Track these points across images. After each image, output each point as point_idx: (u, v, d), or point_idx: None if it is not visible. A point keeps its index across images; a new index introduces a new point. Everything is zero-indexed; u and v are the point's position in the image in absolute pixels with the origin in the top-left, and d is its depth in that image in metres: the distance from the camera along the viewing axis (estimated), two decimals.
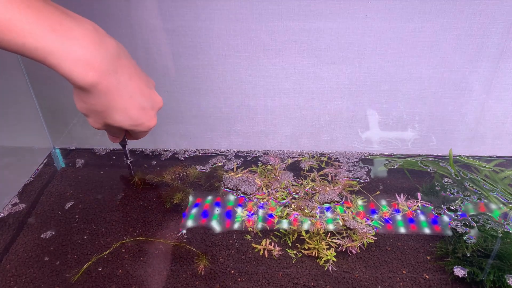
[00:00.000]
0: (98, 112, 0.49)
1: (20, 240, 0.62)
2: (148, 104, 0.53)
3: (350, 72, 0.69)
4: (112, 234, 0.62)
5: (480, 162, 0.75)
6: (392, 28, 0.63)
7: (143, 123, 0.53)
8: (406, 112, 0.72)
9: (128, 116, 0.50)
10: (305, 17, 0.64)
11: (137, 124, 0.52)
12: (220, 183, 0.72)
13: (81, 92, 0.46)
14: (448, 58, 0.66)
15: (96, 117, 0.50)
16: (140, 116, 0.52)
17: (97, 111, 0.49)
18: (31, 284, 0.55)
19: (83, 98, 0.47)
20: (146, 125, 0.53)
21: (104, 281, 0.55)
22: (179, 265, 0.57)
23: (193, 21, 0.65)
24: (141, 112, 0.52)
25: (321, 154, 0.79)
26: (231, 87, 0.72)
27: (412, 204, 0.66)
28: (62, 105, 0.77)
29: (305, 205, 0.66)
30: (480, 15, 0.61)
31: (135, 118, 0.51)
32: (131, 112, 0.50)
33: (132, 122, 0.51)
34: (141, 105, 0.51)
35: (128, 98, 0.49)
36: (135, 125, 0.52)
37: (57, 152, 0.83)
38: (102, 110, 0.48)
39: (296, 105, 0.74)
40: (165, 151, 0.81)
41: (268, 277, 0.55)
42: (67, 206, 0.68)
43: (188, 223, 0.64)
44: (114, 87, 0.47)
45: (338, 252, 0.58)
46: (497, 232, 0.60)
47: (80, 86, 0.44)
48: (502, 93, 0.69)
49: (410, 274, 0.55)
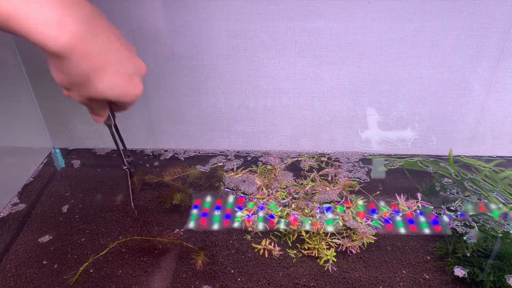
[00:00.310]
0: (79, 82, 0.44)
1: (20, 240, 0.62)
2: (133, 70, 0.48)
3: (350, 72, 0.69)
4: (112, 234, 0.62)
5: (480, 162, 0.75)
6: (392, 28, 0.63)
7: (129, 92, 0.48)
8: (406, 112, 0.72)
9: (114, 84, 0.46)
10: (305, 17, 0.64)
11: (124, 93, 0.48)
12: (220, 183, 0.72)
13: (58, 60, 0.41)
14: (448, 58, 0.66)
15: (79, 88, 0.45)
16: (125, 84, 0.47)
17: (79, 82, 0.44)
18: (31, 284, 0.55)
19: (61, 68, 0.42)
20: (133, 93, 0.49)
21: (104, 281, 0.55)
22: (179, 265, 0.57)
23: (193, 21, 0.65)
24: (126, 79, 0.47)
25: (321, 154, 0.79)
26: (231, 87, 0.72)
27: (412, 204, 0.66)
28: (62, 105, 0.77)
29: (305, 205, 0.66)
30: (480, 15, 0.61)
31: (121, 86, 0.47)
32: (116, 79, 0.46)
33: (118, 90, 0.47)
34: (125, 71, 0.47)
35: (111, 63, 0.45)
36: (121, 95, 0.48)
37: (57, 152, 0.83)
38: (84, 80, 0.44)
39: (296, 105, 0.74)
40: (165, 151, 0.81)
41: (268, 277, 0.55)
42: (67, 206, 0.68)
43: (188, 223, 0.64)
44: (94, 52, 0.43)
45: (338, 252, 0.58)
46: (497, 232, 0.60)
47: (54, 52, 0.40)
48: (502, 93, 0.69)
49: (410, 274, 0.55)
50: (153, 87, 0.73)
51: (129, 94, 0.48)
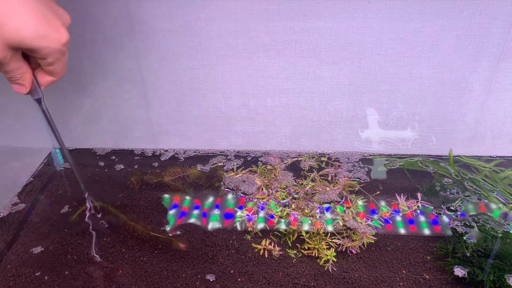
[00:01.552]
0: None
1: (20, 240, 0.62)
2: (50, 12, 0.44)
3: (350, 72, 0.69)
4: (112, 234, 0.62)
5: (480, 162, 0.75)
6: (392, 28, 0.63)
7: (49, 34, 0.43)
8: (406, 112, 0.72)
9: (26, 21, 0.41)
10: (305, 17, 0.64)
11: (43, 35, 0.43)
12: (220, 183, 0.72)
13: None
14: (448, 58, 0.66)
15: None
16: (42, 23, 0.42)
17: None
18: (31, 284, 0.55)
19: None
20: (55, 37, 0.44)
21: (104, 281, 0.55)
22: (179, 265, 0.57)
23: (193, 21, 0.65)
24: (42, 17, 0.43)
25: (321, 154, 0.79)
26: (231, 87, 0.72)
27: (412, 204, 0.66)
28: (62, 105, 0.77)
29: (305, 205, 0.66)
30: (480, 15, 0.61)
31: (37, 24, 0.42)
32: (28, 16, 0.42)
33: (34, 30, 0.42)
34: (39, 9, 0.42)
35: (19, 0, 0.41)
36: (40, 36, 0.43)
37: (57, 152, 0.83)
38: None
39: (296, 105, 0.74)
40: (165, 151, 0.81)
41: (268, 277, 0.55)
42: (67, 206, 0.68)
43: (188, 223, 0.64)
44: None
45: (338, 252, 0.58)
46: (497, 232, 0.60)
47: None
48: (502, 93, 0.69)
49: (410, 274, 0.55)
50: (153, 87, 0.73)
51: (50, 37, 0.44)
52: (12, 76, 0.46)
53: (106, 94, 0.75)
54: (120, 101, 0.76)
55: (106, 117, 0.78)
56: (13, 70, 0.45)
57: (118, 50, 0.69)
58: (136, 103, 0.76)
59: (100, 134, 0.81)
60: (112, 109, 0.77)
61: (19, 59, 0.45)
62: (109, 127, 0.79)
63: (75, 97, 0.76)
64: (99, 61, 0.70)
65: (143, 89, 0.74)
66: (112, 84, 0.73)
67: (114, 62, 0.71)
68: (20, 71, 0.46)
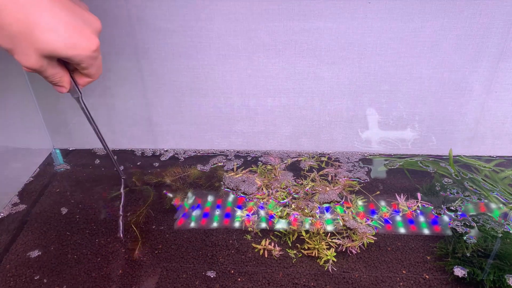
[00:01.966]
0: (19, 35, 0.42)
1: (20, 240, 0.62)
2: (80, 21, 0.46)
3: (350, 72, 0.69)
4: (112, 234, 0.62)
5: (480, 162, 0.75)
6: (392, 28, 0.63)
7: (80, 43, 0.46)
8: (406, 112, 0.72)
9: (58, 33, 0.44)
10: (305, 17, 0.64)
11: (73, 45, 0.45)
12: (220, 183, 0.72)
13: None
14: (448, 58, 0.66)
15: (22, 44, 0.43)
16: (73, 33, 0.45)
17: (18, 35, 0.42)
18: (31, 284, 0.55)
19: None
20: (85, 45, 0.46)
21: (104, 281, 0.55)
22: (179, 265, 0.57)
23: (193, 21, 0.65)
24: (73, 28, 0.45)
25: (321, 154, 0.79)
26: (231, 87, 0.72)
27: (412, 204, 0.66)
28: (62, 105, 0.77)
29: (305, 205, 0.66)
30: (480, 15, 0.61)
31: (67, 35, 0.44)
32: (60, 28, 0.44)
33: (65, 41, 0.44)
34: (69, 20, 0.45)
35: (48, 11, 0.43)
36: (71, 46, 0.45)
37: (57, 152, 0.83)
38: (22, 31, 0.42)
39: (296, 105, 0.74)
40: (165, 151, 0.81)
41: (268, 277, 0.55)
42: (67, 206, 0.68)
43: (188, 223, 0.64)
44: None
45: (338, 252, 0.58)
46: (497, 232, 0.60)
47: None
48: (502, 93, 0.69)
49: (410, 274, 0.55)
50: (153, 87, 0.73)
51: (81, 47, 0.46)
52: (52, 80, 0.50)
53: (106, 94, 0.75)
54: (120, 101, 0.76)
55: (106, 117, 0.78)
56: (51, 76, 0.49)
57: (118, 50, 0.69)
58: (136, 103, 0.76)
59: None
60: (112, 109, 0.77)
61: (55, 66, 0.48)
62: (109, 127, 0.79)
63: None
64: None
65: (143, 89, 0.74)
66: (112, 84, 0.73)
67: (114, 62, 0.71)
68: (58, 75, 0.50)
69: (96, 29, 0.49)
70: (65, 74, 0.51)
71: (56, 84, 0.51)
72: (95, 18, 0.49)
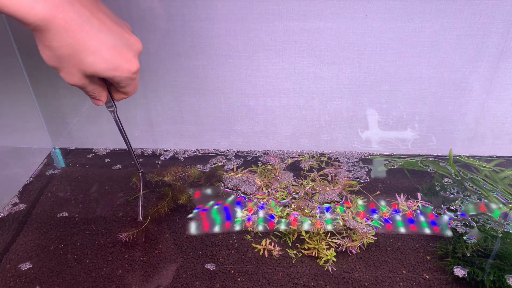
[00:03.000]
0: (66, 57, 0.45)
1: (20, 240, 0.62)
2: (122, 44, 0.49)
3: (350, 72, 0.69)
4: (112, 234, 0.62)
5: (480, 162, 0.75)
6: (392, 28, 0.63)
7: (121, 65, 0.48)
8: (406, 112, 0.72)
9: (101, 56, 0.46)
10: (305, 17, 0.64)
11: (115, 67, 0.48)
12: (220, 183, 0.72)
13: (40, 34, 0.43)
14: (448, 58, 0.66)
15: (68, 65, 0.46)
16: (115, 56, 0.47)
17: (66, 56, 0.45)
18: (31, 284, 0.55)
19: (46, 42, 0.44)
20: (125, 68, 0.49)
21: (104, 281, 0.55)
22: (179, 264, 0.57)
23: (193, 21, 0.65)
24: (115, 51, 0.47)
25: (321, 154, 0.79)
26: (231, 87, 0.72)
27: (412, 204, 0.66)
28: (62, 105, 0.77)
29: (305, 205, 0.66)
30: (480, 15, 0.61)
31: (110, 58, 0.47)
32: (103, 51, 0.46)
33: (107, 64, 0.47)
34: (113, 44, 0.47)
35: (95, 35, 0.45)
36: (112, 68, 0.48)
37: (57, 152, 0.83)
38: (70, 53, 0.45)
39: (296, 105, 0.74)
40: (165, 151, 0.81)
41: (268, 277, 0.55)
42: (67, 206, 0.68)
43: (188, 223, 0.64)
44: (75, 22, 0.43)
45: (338, 252, 0.58)
46: (497, 232, 0.60)
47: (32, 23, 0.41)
48: (502, 93, 0.69)
49: (410, 274, 0.55)
50: (153, 87, 0.73)
51: (122, 69, 0.49)
52: (91, 95, 0.53)
53: None
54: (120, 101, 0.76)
55: (106, 117, 0.78)
56: (92, 91, 0.52)
57: None
58: (136, 103, 0.76)
59: (100, 134, 0.81)
60: None
61: (96, 82, 0.51)
62: (109, 127, 0.79)
63: (75, 97, 0.76)
64: None
65: (143, 89, 0.74)
66: None
67: None
68: (97, 91, 0.53)
69: (137, 51, 0.51)
70: (103, 89, 0.54)
71: (95, 98, 0.54)
72: (137, 39, 0.51)
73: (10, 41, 0.69)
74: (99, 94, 0.54)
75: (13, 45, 0.70)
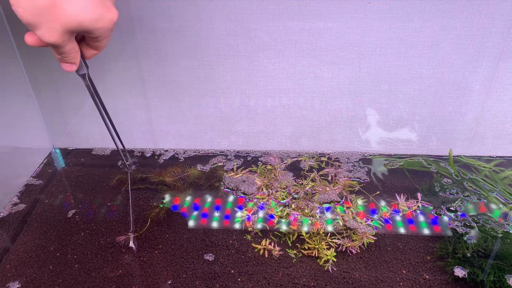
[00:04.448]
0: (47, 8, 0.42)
1: (20, 240, 0.62)
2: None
3: (350, 72, 0.69)
4: (112, 234, 0.62)
5: (480, 162, 0.75)
6: (392, 28, 0.63)
7: (103, 15, 0.45)
8: (406, 112, 0.72)
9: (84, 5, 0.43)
10: (305, 17, 0.64)
11: (98, 17, 0.44)
12: (220, 183, 0.72)
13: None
14: (448, 58, 0.66)
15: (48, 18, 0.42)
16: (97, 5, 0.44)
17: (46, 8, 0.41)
18: (31, 284, 0.55)
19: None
20: (108, 17, 0.45)
21: (104, 281, 0.55)
22: (178, 264, 0.57)
23: (193, 21, 0.65)
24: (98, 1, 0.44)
25: (321, 154, 0.79)
26: (231, 87, 0.72)
27: (412, 204, 0.66)
28: (62, 105, 0.77)
29: (305, 205, 0.66)
30: (480, 15, 0.61)
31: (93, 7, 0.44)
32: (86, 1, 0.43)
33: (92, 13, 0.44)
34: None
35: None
36: (96, 18, 0.44)
37: (57, 152, 0.83)
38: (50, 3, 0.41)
39: (296, 105, 0.74)
40: (165, 151, 0.81)
41: (268, 277, 0.55)
42: (67, 206, 0.68)
43: (188, 223, 0.64)
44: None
45: (338, 252, 0.58)
46: (497, 232, 0.60)
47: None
48: (502, 93, 0.69)
49: (410, 274, 0.55)
50: (153, 87, 0.73)
51: (105, 18, 0.45)
52: (67, 56, 0.48)
53: (106, 94, 0.75)
54: (120, 101, 0.76)
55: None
56: (68, 52, 0.47)
57: (118, 50, 0.69)
58: (136, 103, 0.76)
59: (100, 134, 0.81)
60: (112, 109, 0.77)
61: (73, 40, 0.47)
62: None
63: (75, 97, 0.76)
64: (99, 61, 0.70)
65: (143, 89, 0.74)
66: (112, 84, 0.73)
67: (114, 62, 0.71)
68: (73, 51, 0.48)
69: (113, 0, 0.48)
70: (78, 49, 0.49)
71: (69, 61, 0.49)
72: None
73: (10, 41, 0.69)
74: (75, 55, 0.49)
75: (13, 45, 0.70)
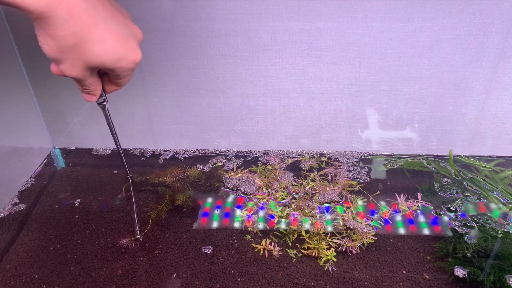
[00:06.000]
0: (71, 47, 0.42)
1: (20, 240, 0.62)
2: (127, 32, 0.46)
3: (350, 72, 0.69)
4: (112, 234, 0.62)
5: (480, 162, 0.75)
6: (392, 28, 0.63)
7: (127, 55, 0.46)
8: (406, 112, 0.72)
9: (109, 46, 0.43)
10: (305, 17, 0.64)
11: (121, 57, 0.45)
12: (220, 183, 0.72)
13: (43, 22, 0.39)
14: (448, 58, 0.66)
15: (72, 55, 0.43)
16: (122, 45, 0.45)
17: (70, 47, 0.42)
18: (31, 284, 0.55)
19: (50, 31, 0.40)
20: (131, 58, 0.46)
21: (104, 281, 0.55)
22: (179, 264, 0.57)
23: (193, 21, 0.65)
24: (122, 40, 0.45)
25: (321, 154, 0.79)
26: (231, 87, 0.72)
27: (412, 204, 0.66)
28: (62, 105, 0.77)
29: (305, 205, 0.66)
30: (480, 15, 0.61)
31: (117, 47, 0.44)
32: (111, 40, 0.43)
33: (115, 54, 0.44)
34: (119, 33, 0.44)
35: (102, 23, 0.42)
36: (119, 59, 0.45)
37: (57, 152, 0.83)
38: (76, 43, 0.41)
39: (296, 105, 0.74)
40: (165, 151, 0.81)
41: (268, 277, 0.55)
42: (67, 206, 0.68)
43: (188, 223, 0.64)
44: (81, 9, 0.40)
45: (338, 252, 0.58)
46: (497, 232, 0.60)
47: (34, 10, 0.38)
48: (502, 93, 0.69)
49: (410, 274, 0.55)
50: (153, 87, 0.73)
51: (128, 59, 0.46)
52: (87, 88, 0.50)
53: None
54: (120, 101, 0.76)
55: None
56: (88, 85, 0.49)
57: None
58: (136, 103, 0.76)
59: (100, 134, 0.81)
60: (112, 109, 0.77)
61: (94, 75, 0.48)
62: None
63: (75, 97, 0.76)
64: None
65: (143, 89, 0.74)
66: None
67: None
68: (94, 85, 0.50)
69: (139, 40, 0.49)
70: (100, 83, 0.51)
71: (90, 93, 0.51)
72: (138, 28, 0.49)
73: (10, 41, 0.69)
74: (96, 88, 0.50)
75: (13, 45, 0.70)
